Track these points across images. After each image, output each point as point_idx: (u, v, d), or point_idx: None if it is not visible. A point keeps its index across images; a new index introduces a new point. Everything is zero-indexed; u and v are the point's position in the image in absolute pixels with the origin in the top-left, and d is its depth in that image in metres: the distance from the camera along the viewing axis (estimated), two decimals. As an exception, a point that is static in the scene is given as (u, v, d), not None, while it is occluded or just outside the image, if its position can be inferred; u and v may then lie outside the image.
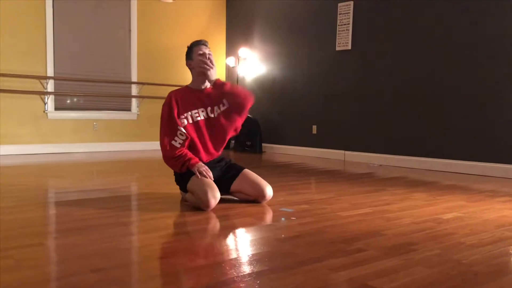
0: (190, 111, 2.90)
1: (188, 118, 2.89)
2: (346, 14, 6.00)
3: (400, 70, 5.43)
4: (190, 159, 2.81)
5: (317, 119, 6.52)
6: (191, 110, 2.90)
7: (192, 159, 2.82)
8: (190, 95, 2.94)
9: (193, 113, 2.91)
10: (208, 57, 2.87)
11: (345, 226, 2.38)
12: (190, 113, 2.90)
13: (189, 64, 2.94)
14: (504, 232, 2.31)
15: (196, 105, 2.92)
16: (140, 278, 1.65)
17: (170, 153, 2.84)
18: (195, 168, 2.78)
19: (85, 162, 5.53)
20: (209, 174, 2.79)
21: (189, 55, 2.93)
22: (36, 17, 6.11)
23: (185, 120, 2.88)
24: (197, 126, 2.91)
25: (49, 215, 2.66)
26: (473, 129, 4.75)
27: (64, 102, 6.50)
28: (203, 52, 2.86)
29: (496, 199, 3.28)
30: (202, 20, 7.82)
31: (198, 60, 2.87)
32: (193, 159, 2.82)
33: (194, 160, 2.81)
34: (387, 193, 3.49)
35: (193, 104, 2.92)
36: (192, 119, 2.90)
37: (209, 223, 2.48)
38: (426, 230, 2.32)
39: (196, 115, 2.91)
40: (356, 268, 1.71)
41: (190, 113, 2.90)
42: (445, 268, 1.74)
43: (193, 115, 2.91)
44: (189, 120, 2.89)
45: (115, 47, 6.90)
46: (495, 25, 4.56)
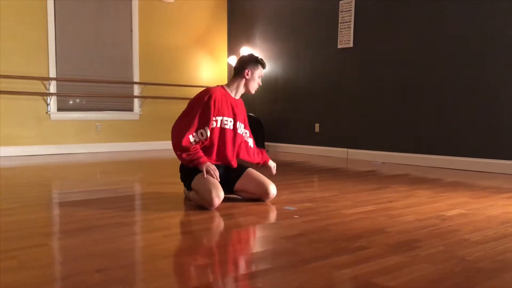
0: (223, 116, 2.90)
1: (218, 122, 2.89)
2: (347, 11, 5.99)
3: (402, 68, 5.42)
4: (200, 157, 2.80)
5: (320, 117, 6.51)
6: (223, 116, 2.90)
7: (202, 157, 2.81)
8: (227, 100, 2.94)
9: (224, 119, 2.91)
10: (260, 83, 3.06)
11: (348, 224, 2.38)
12: (221, 118, 2.89)
13: (247, 74, 2.97)
14: (508, 229, 2.30)
15: (229, 113, 2.94)
16: (144, 278, 1.65)
17: (183, 146, 2.79)
18: (204, 166, 2.78)
19: (88, 162, 5.54)
20: (216, 174, 2.79)
21: (253, 67, 2.97)
22: (38, 18, 6.12)
23: (214, 122, 2.87)
24: (223, 132, 2.92)
25: (53, 216, 2.66)
26: (476, 126, 4.74)
27: (67, 103, 6.52)
28: (262, 76, 3.04)
29: (500, 196, 3.27)
30: (203, 20, 7.82)
31: (256, 80, 3.02)
32: (203, 157, 2.81)
33: (203, 159, 2.81)
34: (391, 190, 3.48)
35: (227, 111, 2.92)
36: (221, 124, 2.90)
37: (213, 222, 2.49)
38: (430, 227, 2.32)
39: (225, 122, 2.92)
40: (359, 265, 1.71)
41: (222, 118, 2.90)
42: (449, 264, 1.74)
43: (223, 121, 2.91)
44: (218, 124, 2.89)
45: (117, 48, 6.91)
46: (498, 22, 4.54)
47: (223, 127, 2.91)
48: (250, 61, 2.99)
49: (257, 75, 2.99)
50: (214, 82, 7.86)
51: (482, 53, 4.67)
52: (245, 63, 2.98)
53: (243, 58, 3.03)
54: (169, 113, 7.27)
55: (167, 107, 7.30)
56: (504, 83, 4.51)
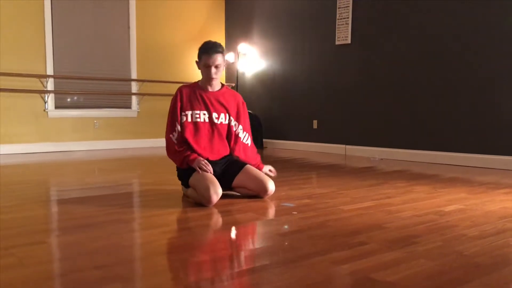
0: (192, 110, 2.92)
1: (188, 116, 2.91)
2: (345, 8, 5.98)
3: (400, 64, 5.41)
4: (189, 155, 2.84)
5: (318, 113, 6.51)
6: (192, 110, 2.92)
7: (191, 155, 2.84)
8: (196, 94, 2.94)
9: (194, 113, 2.92)
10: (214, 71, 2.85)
11: (347, 220, 2.39)
12: (191, 112, 2.91)
13: (197, 64, 2.96)
14: (506, 224, 2.31)
15: (199, 106, 2.93)
16: (143, 274, 1.65)
17: (171, 147, 2.91)
18: (195, 163, 2.80)
19: (86, 160, 5.54)
20: (209, 168, 2.80)
21: (199, 57, 2.91)
22: (35, 15, 6.10)
23: (184, 117, 2.90)
24: (196, 126, 2.92)
25: (51, 213, 2.66)
26: (474, 122, 4.74)
27: (64, 100, 6.50)
28: (208, 65, 2.85)
29: (498, 191, 3.28)
30: (201, 16, 7.80)
31: (204, 71, 2.90)
32: (191, 155, 2.84)
33: (193, 156, 2.83)
34: (389, 186, 3.49)
35: (196, 104, 2.93)
36: (191, 118, 2.91)
37: (211, 218, 2.49)
38: (428, 223, 2.32)
39: (196, 115, 2.92)
40: (358, 261, 1.72)
41: (191, 112, 2.92)
42: (447, 260, 1.74)
43: (193, 115, 2.92)
44: (188, 118, 2.91)
45: (114, 45, 6.89)
46: (496, 19, 4.54)
47: (194, 121, 2.91)
48: (198, 53, 2.92)
49: (202, 66, 2.88)
50: (212, 79, 7.83)
51: (480, 50, 4.67)
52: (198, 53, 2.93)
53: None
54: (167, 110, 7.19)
55: (165, 104, 7.23)
56: (503, 80, 4.52)
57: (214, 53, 2.83)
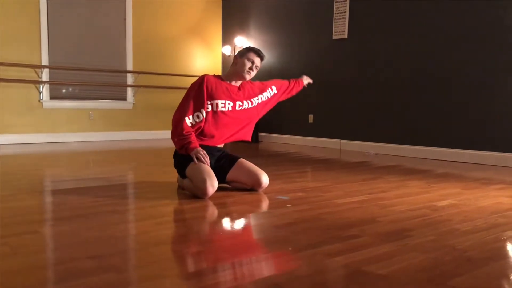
0: (218, 99, 2.92)
1: (214, 106, 2.91)
2: (342, 2, 5.97)
3: (396, 59, 5.42)
4: (191, 142, 2.81)
5: (313, 108, 6.52)
6: (218, 99, 2.92)
7: (193, 142, 2.82)
8: (222, 85, 2.98)
9: (220, 102, 2.93)
10: (254, 68, 3.00)
11: (340, 213, 2.40)
12: (216, 101, 2.91)
13: (236, 59, 3.03)
14: (497, 219, 2.33)
15: (225, 96, 2.95)
16: (137, 265, 1.66)
17: (179, 129, 2.84)
18: (193, 152, 2.79)
19: (81, 151, 5.52)
20: (206, 160, 2.80)
21: (243, 53, 3.01)
22: (30, 5, 6.05)
23: (210, 106, 2.91)
24: (220, 115, 2.93)
25: (45, 203, 2.66)
26: (467, 118, 4.76)
27: (60, 91, 6.47)
28: (253, 61, 2.97)
29: (491, 187, 3.30)
30: (198, 9, 7.76)
31: (245, 64, 2.97)
32: (193, 142, 2.82)
33: (193, 145, 2.82)
34: (383, 181, 3.50)
35: (223, 95, 2.95)
36: (216, 108, 2.92)
37: (206, 210, 2.49)
38: (421, 217, 2.34)
39: (222, 105, 2.93)
40: (351, 253, 1.73)
41: (217, 101, 2.92)
42: (439, 253, 1.76)
43: (219, 104, 2.92)
44: (213, 107, 2.91)
45: (110, 36, 6.86)
46: (492, 15, 4.55)
47: (220, 110, 2.92)
48: (241, 50, 3.07)
49: (245, 58, 2.98)
50: (208, 71, 7.80)
51: (474, 47, 4.68)
52: (237, 53, 3.08)
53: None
54: (162, 103, 7.25)
55: (161, 96, 7.27)
56: (495, 76, 4.53)
57: (260, 56, 3.01)
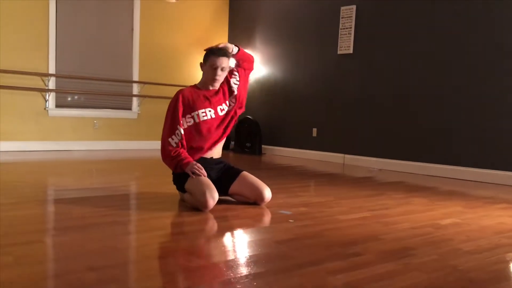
0: (197, 110, 2.94)
1: (195, 118, 2.93)
2: (348, 18, 6.01)
3: (401, 75, 5.43)
4: (183, 159, 2.83)
5: (318, 122, 6.52)
6: (198, 110, 2.94)
7: (185, 159, 2.83)
8: (198, 95, 2.99)
9: (200, 112, 2.94)
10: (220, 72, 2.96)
11: (343, 230, 2.39)
12: (197, 112, 2.93)
13: (202, 66, 3.02)
14: (501, 239, 2.32)
15: (204, 105, 2.97)
16: (138, 277, 1.65)
17: (167, 152, 2.88)
18: (188, 168, 2.80)
19: (85, 160, 5.54)
20: (202, 172, 2.81)
21: (205, 60, 2.98)
22: (39, 14, 6.11)
23: (191, 119, 2.92)
24: (204, 124, 2.94)
25: (48, 213, 2.66)
26: (472, 135, 4.76)
27: (65, 99, 6.51)
28: (216, 66, 2.93)
29: (495, 206, 3.28)
30: (204, 21, 7.83)
31: (209, 71, 2.96)
32: (186, 159, 2.83)
33: (186, 160, 2.83)
34: (386, 197, 3.49)
35: (201, 104, 2.96)
36: (198, 119, 2.93)
37: (208, 223, 2.49)
38: (424, 236, 2.33)
39: (203, 114, 2.94)
40: (353, 272, 1.72)
41: (197, 112, 2.94)
42: (441, 274, 1.75)
43: (200, 114, 2.94)
44: (195, 119, 2.92)
45: (117, 46, 6.91)
46: (497, 32, 4.57)
47: (202, 120, 2.93)
48: (204, 56, 3.01)
49: (209, 66, 2.95)
50: (213, 83, 7.86)
51: (482, 63, 4.69)
52: (202, 60, 3.02)
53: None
54: (167, 113, 7.26)
55: (166, 107, 7.18)
56: (501, 94, 4.54)
57: (222, 56, 2.94)
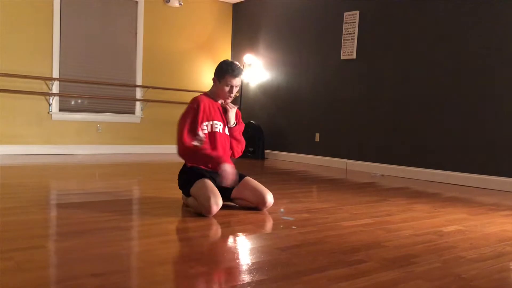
0: (212, 120, 2.94)
1: (209, 127, 2.92)
2: (352, 23, 6.02)
3: (404, 81, 5.43)
4: (221, 156, 2.85)
5: (320, 127, 6.52)
6: (213, 120, 2.94)
7: (222, 157, 2.86)
8: (214, 105, 2.98)
9: (214, 123, 2.94)
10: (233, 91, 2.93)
11: (346, 237, 2.38)
12: (211, 122, 2.93)
13: (215, 81, 2.98)
14: (505, 247, 2.30)
15: (218, 117, 2.98)
16: (141, 284, 1.65)
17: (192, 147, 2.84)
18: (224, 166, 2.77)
19: (88, 164, 5.55)
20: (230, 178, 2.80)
21: (220, 76, 2.93)
22: (43, 18, 6.15)
23: (205, 127, 2.91)
24: (213, 136, 2.94)
25: (51, 217, 2.66)
26: (476, 141, 4.74)
27: (69, 103, 6.53)
28: (231, 85, 2.91)
29: (498, 213, 3.27)
30: (208, 25, 7.85)
31: (224, 89, 2.92)
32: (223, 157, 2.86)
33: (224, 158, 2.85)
34: (389, 203, 3.48)
35: (216, 115, 2.97)
36: (212, 129, 2.93)
37: (210, 229, 2.49)
38: (427, 243, 2.32)
39: (216, 125, 2.95)
40: (356, 279, 1.71)
41: (212, 122, 2.93)
42: (445, 282, 1.74)
43: (213, 125, 2.94)
44: (208, 128, 2.92)
45: (121, 50, 6.94)
46: (497, 39, 4.56)
47: (214, 131, 2.94)
48: (217, 70, 2.96)
49: (224, 84, 2.92)
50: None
51: (484, 69, 4.69)
52: (215, 74, 2.98)
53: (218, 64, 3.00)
54: (170, 117, 7.26)
55: (169, 111, 7.30)
56: (505, 100, 4.52)
57: (239, 75, 2.91)
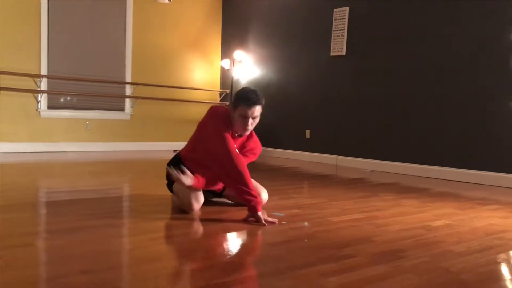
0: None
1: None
2: (341, 19, 6.03)
3: (394, 77, 5.46)
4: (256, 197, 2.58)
5: (311, 123, 6.54)
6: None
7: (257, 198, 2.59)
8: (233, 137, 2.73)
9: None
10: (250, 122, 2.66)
11: (335, 232, 2.40)
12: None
13: (231, 112, 2.71)
14: (492, 240, 2.33)
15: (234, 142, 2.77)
16: (131, 281, 1.65)
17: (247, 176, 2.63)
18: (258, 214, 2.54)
19: (77, 161, 5.51)
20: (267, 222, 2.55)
21: (235, 106, 2.64)
22: (30, 14, 6.08)
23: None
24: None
25: (40, 215, 2.65)
26: (465, 137, 4.79)
27: (57, 100, 6.48)
28: (246, 116, 2.62)
29: (486, 207, 3.31)
30: (198, 22, 7.82)
31: (239, 121, 2.65)
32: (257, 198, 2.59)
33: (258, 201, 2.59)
34: (378, 199, 3.51)
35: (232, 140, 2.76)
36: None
37: (201, 226, 2.49)
38: (415, 237, 2.34)
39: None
40: (345, 274, 1.73)
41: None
42: (433, 276, 1.76)
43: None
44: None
45: (110, 47, 6.89)
46: (487, 35, 4.60)
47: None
48: (235, 99, 2.67)
49: (238, 115, 2.63)
50: (206, 84, 7.87)
51: (473, 65, 4.73)
52: (233, 102, 2.69)
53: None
54: (160, 114, 7.27)
55: (159, 108, 7.28)
56: (494, 95, 4.57)
57: (253, 105, 2.60)
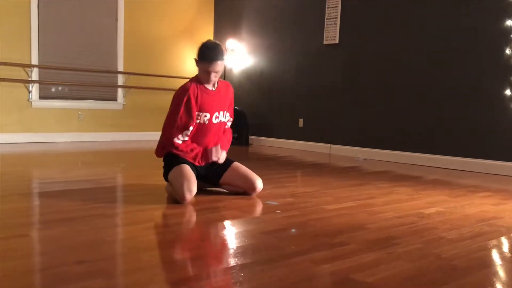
0: (202, 112, 2.84)
1: (202, 118, 2.85)
2: (334, 8, 6.01)
3: (387, 65, 5.47)
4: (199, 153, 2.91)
5: (304, 112, 6.54)
6: (203, 111, 2.84)
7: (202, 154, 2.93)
8: (206, 94, 2.85)
9: (202, 115, 2.85)
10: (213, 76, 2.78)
11: (329, 220, 2.42)
12: (202, 113, 2.84)
13: (196, 62, 2.84)
14: (483, 227, 2.37)
15: (208, 108, 2.85)
16: (126, 270, 1.66)
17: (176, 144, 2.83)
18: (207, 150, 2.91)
19: (70, 152, 5.49)
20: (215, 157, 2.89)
21: (199, 60, 2.79)
22: (20, 3, 6.00)
23: (198, 119, 2.84)
24: (205, 128, 2.88)
25: (33, 206, 2.64)
26: (458, 125, 4.82)
27: (49, 91, 6.42)
28: (208, 71, 2.76)
29: (478, 195, 3.34)
30: (190, 10, 7.76)
31: (203, 74, 2.81)
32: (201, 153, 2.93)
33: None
34: (372, 187, 3.53)
35: (208, 106, 2.84)
36: (204, 120, 2.86)
37: (195, 215, 2.50)
38: (408, 225, 2.37)
39: (205, 117, 2.86)
40: (339, 261, 1.74)
41: (203, 113, 2.85)
42: (425, 262, 1.78)
43: (202, 116, 2.85)
44: (202, 120, 2.85)
45: (101, 36, 6.82)
46: (482, 23, 4.61)
47: (202, 122, 2.86)
48: (198, 53, 2.80)
49: (201, 69, 2.80)
50: (199, 74, 7.81)
51: (466, 53, 4.74)
52: (197, 55, 2.82)
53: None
54: (153, 104, 7.23)
55: (151, 97, 7.25)
56: (485, 84, 4.60)
57: (214, 61, 2.73)
